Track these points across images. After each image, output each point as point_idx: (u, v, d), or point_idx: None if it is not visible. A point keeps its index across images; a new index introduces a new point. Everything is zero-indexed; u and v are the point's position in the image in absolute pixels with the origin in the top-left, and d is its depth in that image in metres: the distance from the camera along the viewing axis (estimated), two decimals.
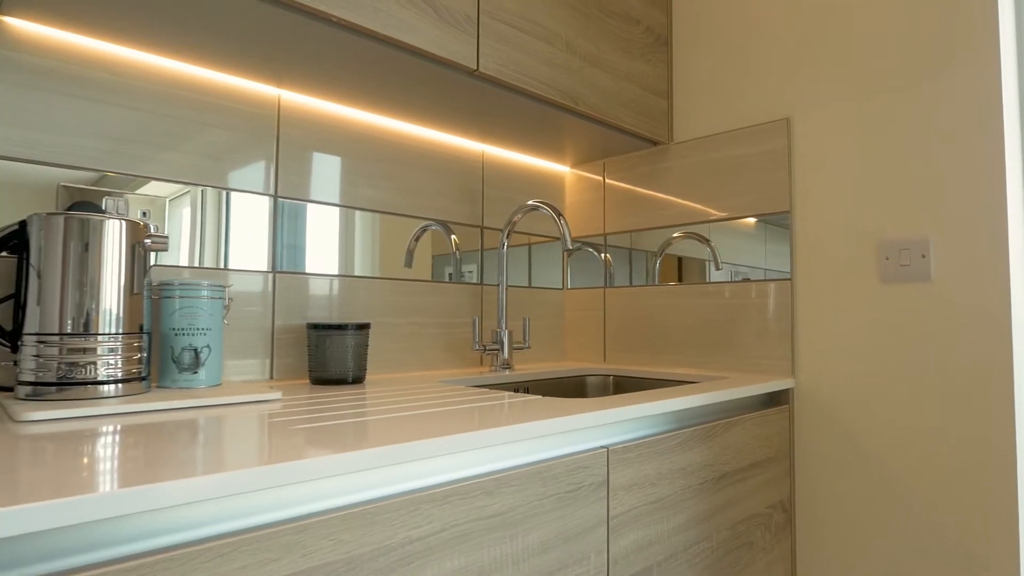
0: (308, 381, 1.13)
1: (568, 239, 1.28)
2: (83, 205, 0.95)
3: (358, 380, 1.13)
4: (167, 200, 1.04)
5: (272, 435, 0.62)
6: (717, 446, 1.04)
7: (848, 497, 1.19)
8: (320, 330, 1.11)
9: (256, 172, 1.12)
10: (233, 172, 1.10)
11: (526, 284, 1.61)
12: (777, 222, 1.31)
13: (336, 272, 1.23)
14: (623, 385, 1.47)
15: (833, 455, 1.21)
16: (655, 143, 1.50)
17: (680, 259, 1.48)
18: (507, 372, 1.37)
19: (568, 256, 1.74)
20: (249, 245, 1.11)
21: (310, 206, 1.20)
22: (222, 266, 1.08)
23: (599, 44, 1.31)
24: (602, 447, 0.83)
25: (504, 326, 1.42)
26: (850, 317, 1.20)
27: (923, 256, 1.11)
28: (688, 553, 0.97)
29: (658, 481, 0.91)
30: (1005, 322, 1.02)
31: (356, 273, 1.26)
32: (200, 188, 1.06)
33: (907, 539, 1.11)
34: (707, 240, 1.44)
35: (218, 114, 1.08)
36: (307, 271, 1.19)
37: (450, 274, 1.44)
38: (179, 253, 1.04)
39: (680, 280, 1.48)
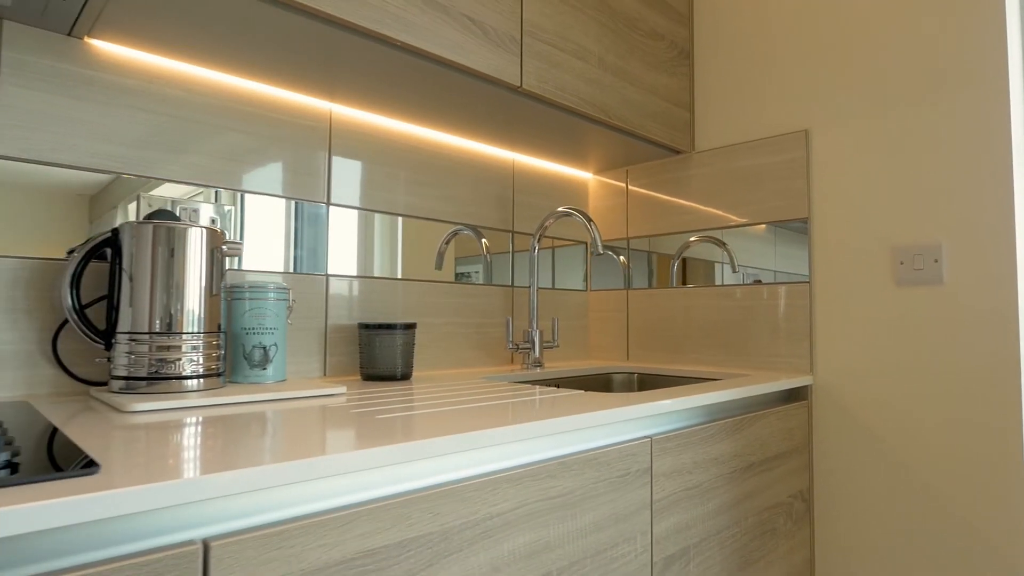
0: (359, 377, 1.21)
1: (599, 244, 1.36)
2: (161, 213, 1.02)
3: (406, 376, 1.20)
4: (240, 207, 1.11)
5: (362, 424, 0.69)
6: (744, 438, 1.11)
7: (864, 487, 1.27)
8: (371, 329, 1.19)
9: (314, 182, 1.20)
10: (296, 183, 1.17)
11: (550, 286, 1.69)
12: (791, 227, 1.39)
13: (380, 275, 1.30)
14: (647, 382, 1.55)
15: (849, 447, 1.29)
16: (677, 152, 1.58)
17: (696, 262, 1.56)
18: (538, 370, 1.44)
19: (592, 259, 1.81)
20: (307, 250, 1.19)
21: (356, 212, 1.27)
22: (291, 270, 1.16)
23: (627, 59, 1.39)
24: (646, 437, 0.90)
25: (535, 326, 1.50)
26: (866, 318, 1.28)
27: (935, 261, 1.19)
28: (719, 537, 1.04)
29: (694, 469, 0.99)
30: (1013, 322, 1.10)
31: (398, 276, 1.34)
32: (267, 197, 1.13)
33: (920, 526, 1.19)
34: (724, 244, 1.52)
35: (280, 128, 1.15)
36: (354, 274, 1.26)
37: (460, 275, 1.51)
38: (266, 259, 1.12)
39: (691, 282, 1.55)
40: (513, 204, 1.58)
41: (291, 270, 1.17)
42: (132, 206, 1.02)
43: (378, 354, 1.19)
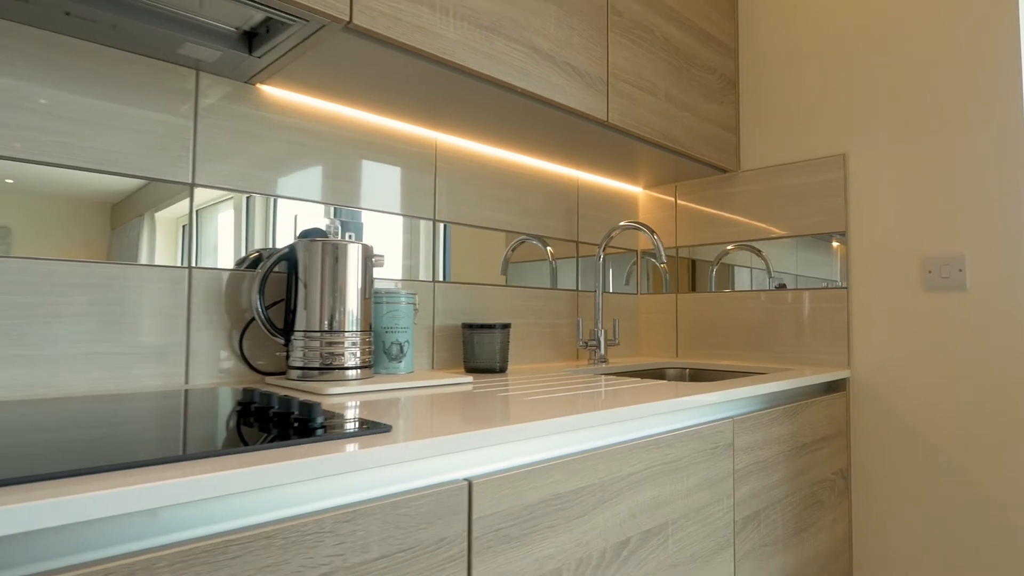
0: (463, 370, 1.39)
1: (662, 253, 1.55)
2: (312, 232, 1.21)
3: (503, 370, 1.39)
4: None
5: (519, 404, 0.88)
6: (798, 422, 1.30)
7: (895, 466, 1.46)
8: (474, 329, 1.37)
9: (424, 201, 1.39)
10: (409, 203, 1.36)
11: (606, 291, 1.87)
12: (821, 237, 1.58)
13: (474, 281, 1.49)
14: (697, 375, 1.73)
15: (882, 432, 1.48)
16: (724, 171, 1.77)
17: (731, 268, 1.75)
18: (604, 364, 1.63)
19: (635, 265, 2.00)
20: (419, 260, 1.38)
21: (453, 227, 1.46)
22: (406, 277, 1.35)
23: (687, 92, 1.58)
24: (729, 417, 1.09)
25: (600, 325, 1.69)
26: (898, 319, 1.47)
27: (960, 270, 1.38)
28: (781, 504, 1.23)
29: (763, 446, 1.18)
30: None
31: (486, 282, 1.52)
32: (385, 214, 1.32)
33: (945, 501, 1.38)
34: (760, 252, 1.71)
35: (397, 156, 1.34)
36: (456, 280, 1.45)
37: (494, 274, 1.70)
38: (387, 268, 1.30)
39: (726, 287, 1.74)
40: (578, 217, 1.77)
41: (406, 277, 1.36)
42: (160, 214, 1.19)
43: (479, 350, 1.38)
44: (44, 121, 0.92)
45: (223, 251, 1.11)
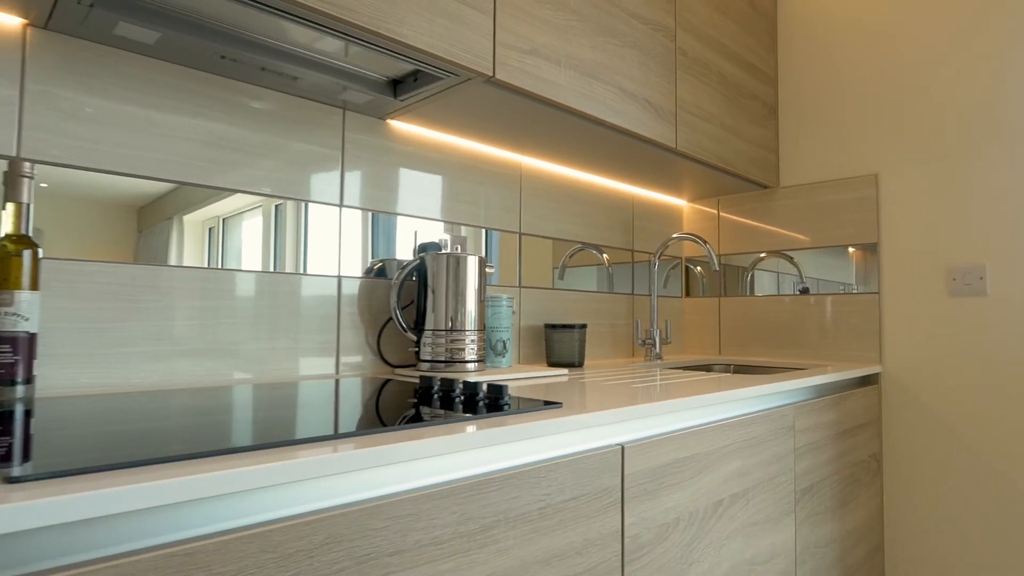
0: (545, 365, 1.59)
1: (715, 261, 1.74)
2: (429, 245, 1.41)
3: (580, 364, 1.59)
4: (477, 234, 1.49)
5: (625, 390, 1.08)
6: (841, 410, 1.50)
7: (922, 449, 1.65)
8: (555, 328, 1.57)
9: (511, 216, 1.58)
10: (498, 217, 1.55)
11: (648, 293, 2.07)
12: (852, 247, 1.77)
13: (548, 286, 1.69)
14: (740, 371, 1.93)
15: (910, 420, 1.68)
16: (764, 187, 1.97)
17: (762, 274, 1.94)
18: (659, 361, 1.83)
19: (679, 273, 2.20)
20: (508, 268, 1.57)
21: (532, 239, 1.65)
22: (500, 283, 1.54)
23: (736, 118, 1.77)
24: (789, 404, 1.29)
25: (655, 325, 1.88)
26: (925, 321, 1.67)
27: (981, 278, 1.58)
28: (829, 480, 1.43)
29: (816, 429, 1.37)
30: None
31: (559, 287, 1.72)
32: (477, 229, 1.52)
33: (968, 480, 1.58)
34: (792, 259, 1.91)
35: (490, 177, 1.53)
36: (536, 285, 1.65)
37: (542, 278, 1.90)
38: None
39: (758, 291, 1.94)
40: (633, 228, 1.97)
41: (497, 283, 1.55)
42: (188, 216, 1.40)
43: (559, 347, 1.57)
44: (221, 154, 1.11)
45: (353, 261, 1.31)
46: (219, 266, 1.10)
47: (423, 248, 1.40)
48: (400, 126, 1.36)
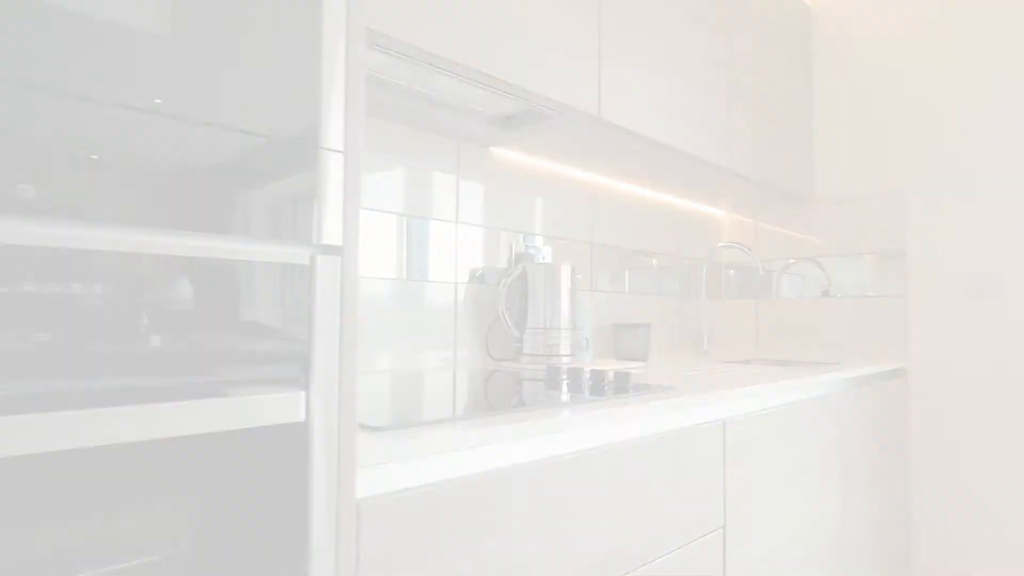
0: (615, 359, 1.81)
1: (759, 266, 1.96)
2: (524, 255, 1.62)
3: (645, 358, 1.80)
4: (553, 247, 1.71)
5: (707, 378, 1.30)
6: (879, 395, 1.72)
7: (943, 433, 1.87)
8: (624, 327, 1.79)
9: (586, 227, 1.80)
10: (571, 230, 1.77)
11: (695, 295, 2.29)
12: (879, 255, 1.99)
13: (610, 290, 1.90)
14: (782, 366, 2.14)
15: (934, 409, 1.90)
16: (799, 199, 2.18)
17: (793, 278, 2.16)
18: (707, 356, 2.04)
19: (710, 275, 2.41)
20: (582, 274, 1.79)
21: (599, 247, 1.87)
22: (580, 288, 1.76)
23: (777, 138, 1.99)
24: (843, 390, 1.51)
25: (703, 325, 2.10)
26: (945, 320, 1.89)
27: (997, 283, 1.80)
28: (870, 460, 1.65)
29: (860, 413, 1.59)
30: None
31: (619, 290, 1.94)
32: (562, 240, 1.73)
33: (982, 460, 1.80)
34: (820, 265, 2.13)
35: (567, 194, 1.75)
36: (607, 289, 1.86)
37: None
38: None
39: (785, 293, 2.16)
40: (679, 236, 2.19)
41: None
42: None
43: (628, 344, 1.79)
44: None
45: (463, 269, 1.52)
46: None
47: (519, 258, 1.62)
48: (501, 152, 1.57)
